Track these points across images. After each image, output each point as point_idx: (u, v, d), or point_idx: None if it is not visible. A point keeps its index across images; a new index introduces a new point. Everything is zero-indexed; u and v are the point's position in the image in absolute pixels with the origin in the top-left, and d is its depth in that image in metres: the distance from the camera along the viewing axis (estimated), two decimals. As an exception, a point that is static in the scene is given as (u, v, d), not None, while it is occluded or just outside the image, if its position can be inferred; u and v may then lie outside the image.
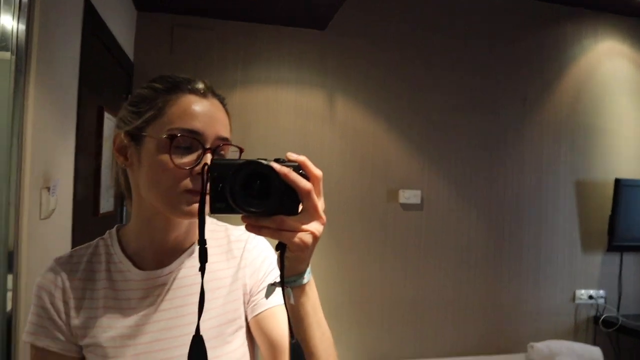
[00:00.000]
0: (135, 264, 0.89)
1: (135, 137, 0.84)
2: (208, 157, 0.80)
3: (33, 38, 1.42)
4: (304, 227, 0.62)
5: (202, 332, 0.79)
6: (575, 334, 3.43)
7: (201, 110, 0.82)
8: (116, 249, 0.90)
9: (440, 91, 3.25)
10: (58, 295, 0.86)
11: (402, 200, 3.15)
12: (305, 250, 0.63)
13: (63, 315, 0.86)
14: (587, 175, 3.48)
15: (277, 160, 0.62)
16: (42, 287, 0.87)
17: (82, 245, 0.94)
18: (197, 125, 0.81)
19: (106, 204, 2.32)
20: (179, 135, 0.80)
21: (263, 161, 0.61)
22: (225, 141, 0.85)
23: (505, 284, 3.34)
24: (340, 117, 3.11)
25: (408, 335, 3.18)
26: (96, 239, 0.95)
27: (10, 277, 1.37)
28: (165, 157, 0.79)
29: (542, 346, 3.02)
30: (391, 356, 3.12)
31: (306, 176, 0.63)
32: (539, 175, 3.41)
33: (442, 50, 3.26)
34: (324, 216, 0.64)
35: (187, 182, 0.80)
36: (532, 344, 3.08)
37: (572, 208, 3.46)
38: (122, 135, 0.86)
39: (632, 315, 3.41)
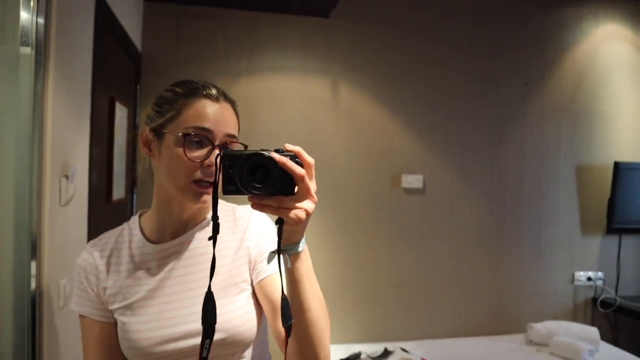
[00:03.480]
0: (151, 241, 1.07)
1: (158, 133, 1.01)
2: (216, 152, 0.95)
3: (51, 32, 1.48)
4: (299, 205, 0.76)
5: None
6: (574, 315, 3.52)
7: (212, 112, 0.98)
8: (136, 231, 1.09)
9: (442, 76, 3.30)
10: (91, 271, 1.06)
11: (404, 184, 3.22)
12: (300, 224, 0.77)
13: (95, 288, 1.06)
14: (587, 159, 3.54)
15: (277, 151, 0.76)
16: (79, 265, 1.08)
17: (112, 229, 1.13)
18: (207, 124, 0.97)
19: (118, 191, 2.40)
20: (192, 133, 0.96)
21: (265, 152, 0.74)
22: (232, 138, 1.00)
23: (506, 267, 3.42)
24: (345, 103, 3.17)
25: (411, 317, 3.27)
26: (123, 223, 1.13)
27: (34, 264, 1.45)
28: (180, 151, 0.96)
29: (541, 327, 3.10)
30: (394, 337, 3.20)
31: (301, 163, 0.76)
32: (539, 159, 3.47)
33: (444, 36, 3.30)
34: (315, 197, 0.77)
35: (198, 173, 0.96)
36: (531, 324, 3.16)
37: (572, 191, 3.52)
38: (147, 130, 1.04)
39: (630, 297, 3.49)
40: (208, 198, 0.98)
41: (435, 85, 3.28)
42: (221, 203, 1.13)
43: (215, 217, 0.83)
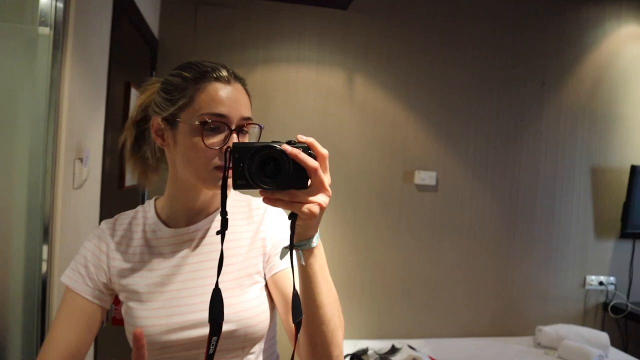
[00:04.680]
0: (167, 225, 1.04)
1: (171, 122, 0.97)
2: (234, 137, 0.93)
3: (70, 14, 1.47)
4: (312, 199, 0.72)
5: (224, 282, 0.93)
6: (584, 319, 3.48)
7: (226, 96, 0.94)
8: (152, 214, 1.06)
9: (459, 73, 3.26)
10: (102, 248, 1.02)
11: (417, 181, 3.19)
12: (313, 219, 0.72)
13: (102, 265, 1.01)
14: (603, 162, 3.48)
15: (289, 142, 0.72)
16: (89, 240, 1.04)
17: (127, 211, 1.09)
18: (223, 109, 0.93)
19: (130, 177, 2.39)
20: (208, 120, 0.92)
21: (276, 145, 0.70)
22: (248, 120, 0.96)
23: (517, 268, 3.38)
24: (360, 97, 3.14)
25: (419, 315, 3.25)
26: (137, 206, 1.10)
27: (45, 248, 1.44)
28: (198, 139, 0.92)
29: (550, 330, 3.07)
30: (402, 334, 3.19)
31: (314, 155, 0.72)
32: (554, 160, 3.42)
33: (462, 33, 3.26)
34: (329, 190, 0.73)
35: (217, 160, 0.92)
36: (540, 327, 3.13)
37: (586, 194, 3.47)
38: (159, 120, 0.99)
39: (642, 303, 3.45)
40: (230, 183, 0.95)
41: (451, 82, 3.25)
42: (235, 194, 1.11)
43: (224, 213, 0.79)
